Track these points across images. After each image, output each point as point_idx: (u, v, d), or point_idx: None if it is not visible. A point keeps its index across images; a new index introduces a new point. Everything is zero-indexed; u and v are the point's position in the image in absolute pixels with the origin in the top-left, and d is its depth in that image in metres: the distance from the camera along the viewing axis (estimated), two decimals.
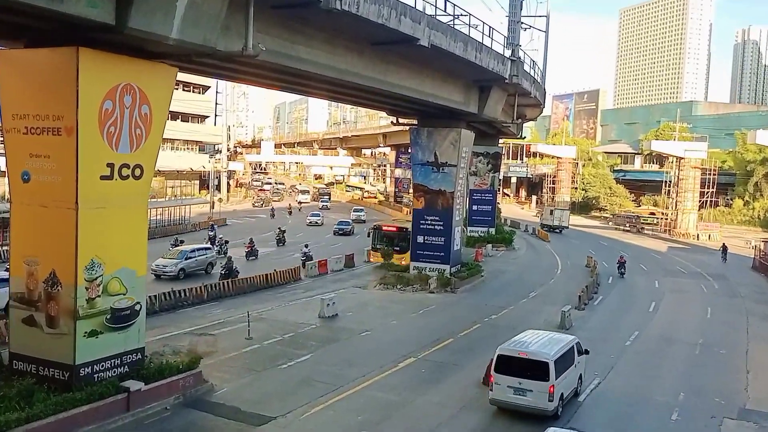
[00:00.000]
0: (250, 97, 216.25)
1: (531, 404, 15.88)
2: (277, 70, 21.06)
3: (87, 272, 15.07)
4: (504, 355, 16.30)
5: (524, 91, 35.84)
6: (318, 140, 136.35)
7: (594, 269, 39.25)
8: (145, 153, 16.14)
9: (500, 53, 30.41)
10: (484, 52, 27.92)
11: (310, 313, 26.25)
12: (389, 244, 38.42)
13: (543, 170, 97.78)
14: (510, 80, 31.88)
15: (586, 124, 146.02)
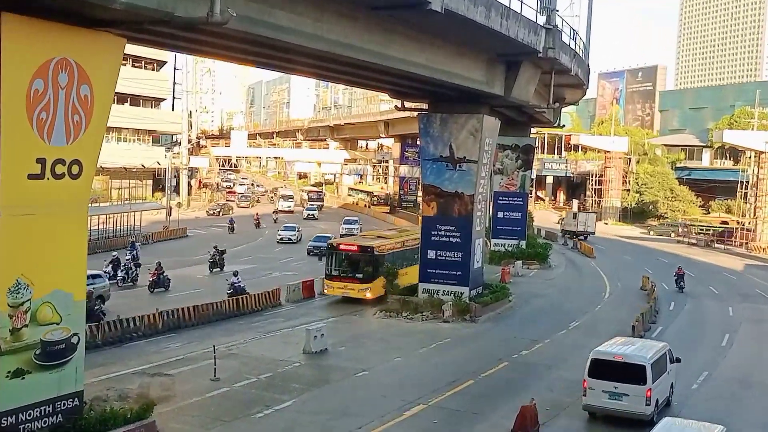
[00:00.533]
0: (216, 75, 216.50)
1: (627, 409, 19.07)
2: (252, 42, 21.08)
3: (11, 296, 15.05)
4: (598, 359, 19.54)
5: (563, 68, 35.87)
6: (303, 129, 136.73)
7: (652, 293, 39.22)
8: (85, 145, 16.14)
9: (532, 20, 30.45)
10: (512, 19, 27.95)
11: (292, 348, 26.17)
12: (349, 269, 35.54)
13: (586, 168, 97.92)
14: (544, 54, 31.89)
15: (640, 109, 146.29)
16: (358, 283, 34.91)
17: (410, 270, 36.76)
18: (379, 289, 35.20)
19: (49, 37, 15.11)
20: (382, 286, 35.30)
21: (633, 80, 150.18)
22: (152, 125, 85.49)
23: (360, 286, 34.86)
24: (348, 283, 35.12)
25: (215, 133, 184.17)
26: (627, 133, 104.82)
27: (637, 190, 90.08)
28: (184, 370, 23.06)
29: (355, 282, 34.99)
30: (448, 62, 29.24)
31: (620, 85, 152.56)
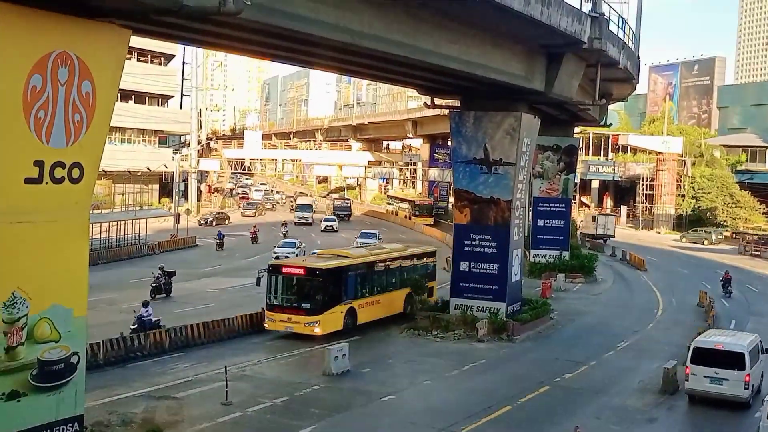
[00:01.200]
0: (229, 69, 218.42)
1: (727, 392, 23.18)
2: (267, 33, 21.17)
3: (6, 311, 15.19)
4: (700, 348, 23.79)
5: (610, 60, 35.71)
6: (322, 129, 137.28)
7: (710, 310, 38.84)
8: (87, 147, 16.29)
9: (576, 8, 30.35)
10: (554, 7, 27.86)
11: (311, 369, 26.22)
12: (295, 297, 31.40)
13: (636, 171, 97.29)
14: (590, 45, 31.77)
15: (696, 106, 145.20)
16: (304, 314, 30.68)
17: (390, 297, 34.77)
18: (332, 322, 31.03)
19: (48, 29, 15.25)
20: (339, 318, 31.41)
21: (688, 74, 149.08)
22: (159, 125, 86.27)
23: (306, 318, 30.61)
24: (292, 314, 30.86)
25: (227, 133, 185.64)
26: (681, 132, 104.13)
27: (693, 196, 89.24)
28: (192, 392, 23.15)
29: (300, 314, 30.79)
30: (484, 54, 29.19)
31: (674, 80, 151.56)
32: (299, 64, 33.37)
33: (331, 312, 30.95)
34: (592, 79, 37.99)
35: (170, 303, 38.09)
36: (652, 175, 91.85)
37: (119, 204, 68.46)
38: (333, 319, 31.03)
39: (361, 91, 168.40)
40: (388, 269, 35.28)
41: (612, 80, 41.24)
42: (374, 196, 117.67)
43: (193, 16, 17.55)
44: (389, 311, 34.44)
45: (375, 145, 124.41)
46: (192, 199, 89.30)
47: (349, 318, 31.90)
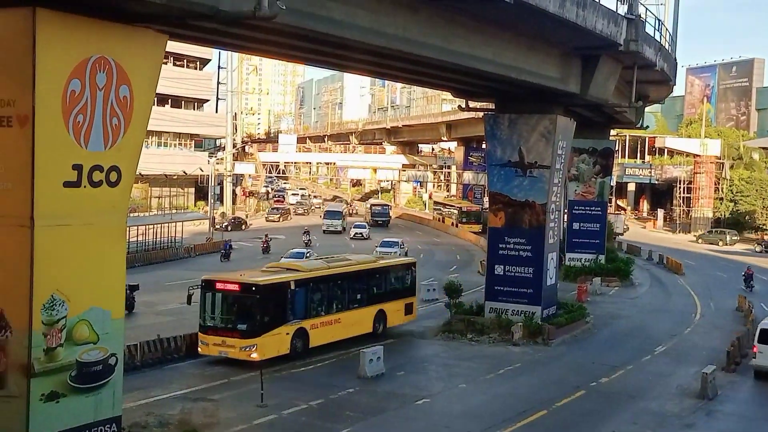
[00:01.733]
0: (264, 73, 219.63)
1: None
2: (302, 37, 21.28)
3: (45, 313, 15.36)
4: (766, 329, 27.22)
5: (646, 62, 35.43)
6: (356, 132, 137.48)
7: (749, 314, 38.35)
8: (124, 151, 16.46)
9: (612, 10, 30.16)
10: (589, 9, 27.72)
11: (346, 372, 26.25)
12: (230, 317, 27.01)
13: (673, 173, 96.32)
14: (626, 47, 31.55)
15: (734, 108, 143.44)
16: (239, 337, 26.50)
17: (353, 315, 30.64)
18: (275, 345, 26.92)
19: (87, 34, 15.45)
20: (284, 341, 27.23)
21: (726, 76, 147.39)
22: (194, 128, 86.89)
23: (242, 342, 26.42)
24: (226, 337, 26.68)
25: (262, 136, 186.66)
26: (719, 134, 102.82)
27: (732, 199, 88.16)
28: (228, 394, 23.30)
29: (234, 336, 26.58)
30: (518, 57, 29.10)
31: (711, 82, 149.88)
32: (333, 68, 33.52)
33: (273, 334, 26.71)
34: (628, 81, 37.72)
35: None
36: (690, 177, 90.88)
37: (156, 207, 69.10)
38: (275, 342, 26.79)
39: (396, 94, 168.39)
40: (350, 284, 30.95)
41: (649, 82, 40.90)
42: (408, 199, 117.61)
43: (228, 20, 17.68)
44: (353, 332, 30.23)
45: (409, 148, 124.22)
46: (227, 202, 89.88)
47: (298, 340, 27.73)
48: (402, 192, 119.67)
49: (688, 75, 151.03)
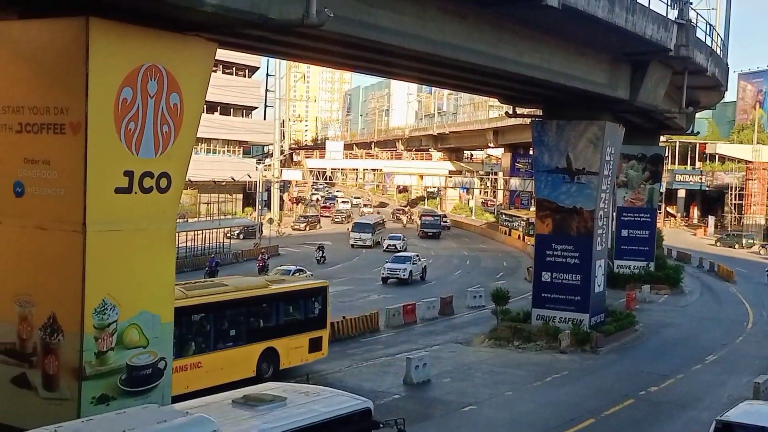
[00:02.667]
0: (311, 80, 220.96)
1: None
2: (349, 44, 21.36)
3: (97, 317, 15.59)
4: None
5: (697, 68, 35.01)
6: (403, 138, 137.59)
7: None
8: (174, 157, 16.67)
9: (662, 15, 29.87)
10: (639, 14, 27.47)
11: (391, 378, 26.27)
12: None
13: (725, 180, 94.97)
14: (676, 52, 31.22)
15: None
16: None
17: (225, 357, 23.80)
18: None
19: (138, 43, 15.68)
20: None
21: None
22: (243, 135, 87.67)
23: None
24: None
25: (309, 143, 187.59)
26: None
27: None
28: None
29: None
30: (566, 63, 28.93)
31: (764, 87, 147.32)
32: (380, 75, 33.63)
33: None
34: (678, 87, 37.30)
35: None
36: (742, 184, 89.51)
37: (204, 213, 69.79)
38: None
39: (442, 100, 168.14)
40: (220, 317, 24.18)
41: (699, 88, 40.42)
42: (455, 205, 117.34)
43: (277, 28, 17.84)
44: (224, 377, 22.81)
45: (455, 155, 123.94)
46: (275, 208, 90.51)
47: None
48: (448, 198, 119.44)
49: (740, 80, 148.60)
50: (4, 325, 16.47)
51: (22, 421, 16.01)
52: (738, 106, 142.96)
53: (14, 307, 16.23)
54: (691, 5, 32.63)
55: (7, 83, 16.21)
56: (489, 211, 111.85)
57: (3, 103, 16.16)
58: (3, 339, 16.50)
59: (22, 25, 16.08)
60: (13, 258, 16.58)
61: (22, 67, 15.92)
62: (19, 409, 16.17)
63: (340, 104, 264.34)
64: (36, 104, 15.64)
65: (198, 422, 12.49)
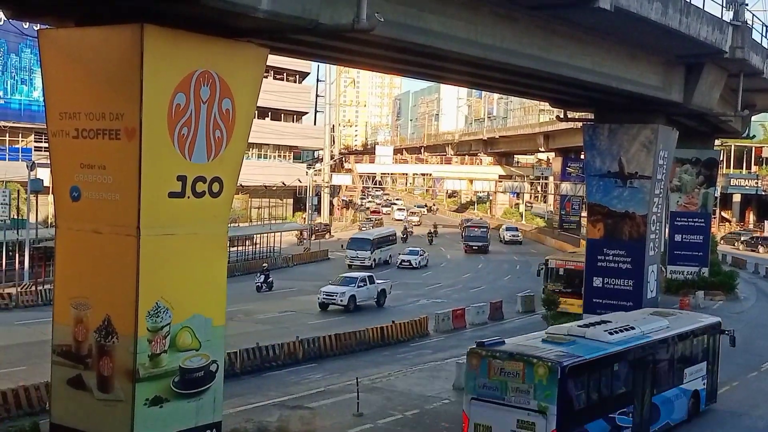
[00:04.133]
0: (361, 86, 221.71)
1: None
2: (399, 49, 21.39)
3: (150, 319, 15.78)
4: None
5: (753, 70, 34.45)
6: (453, 143, 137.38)
7: None
8: (226, 162, 16.82)
9: (717, 17, 29.47)
10: (693, 15, 27.12)
11: (441, 383, 26.16)
12: None
13: None
14: (731, 54, 30.77)
15: None
16: None
17: None
18: None
19: (191, 49, 15.87)
20: None
21: None
22: (293, 140, 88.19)
23: None
24: None
25: (359, 148, 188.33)
26: None
27: None
28: (325, 403, 23.45)
29: None
30: (618, 66, 28.66)
31: None
32: (430, 79, 33.64)
33: None
34: (733, 90, 36.72)
35: None
36: None
37: (255, 218, 70.38)
38: None
39: (492, 105, 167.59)
40: None
41: (755, 90, 39.72)
42: (505, 210, 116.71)
43: (328, 34, 17.93)
44: None
45: (505, 159, 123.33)
46: (324, 212, 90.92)
47: None
48: (498, 203, 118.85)
49: None
50: (60, 327, 16.78)
51: (77, 421, 16.33)
52: None
53: (70, 310, 16.51)
54: (746, 6, 32.12)
55: (65, 90, 16.53)
56: (539, 215, 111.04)
57: (60, 109, 16.48)
58: (59, 341, 16.79)
59: (78, 32, 16.40)
60: (70, 261, 16.88)
61: (79, 73, 16.20)
62: (74, 410, 16.44)
63: (389, 109, 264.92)
64: (92, 110, 15.89)
65: None
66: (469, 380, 18.39)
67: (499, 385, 17.45)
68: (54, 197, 17.20)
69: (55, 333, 16.98)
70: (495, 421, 17.44)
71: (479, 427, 17.74)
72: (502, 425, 17.24)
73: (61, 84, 16.59)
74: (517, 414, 17.07)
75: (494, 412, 17.41)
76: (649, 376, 20.27)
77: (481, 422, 17.69)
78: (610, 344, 18.80)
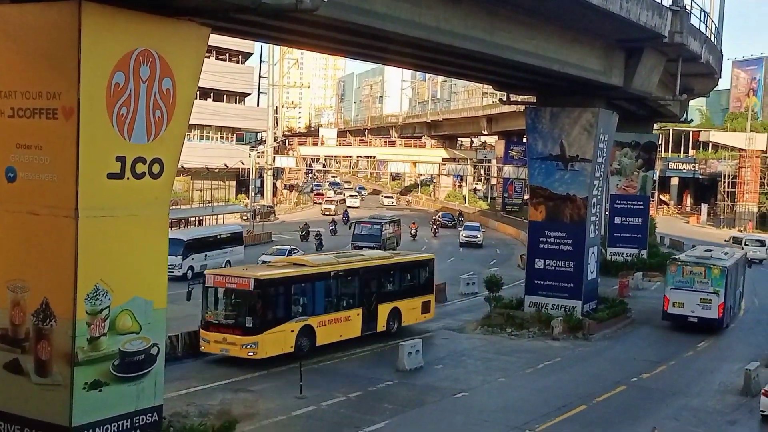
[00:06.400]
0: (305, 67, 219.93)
1: None
2: (343, 30, 21.32)
3: (89, 302, 15.60)
4: None
5: (691, 55, 35.02)
6: (397, 126, 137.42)
7: None
8: (166, 143, 16.64)
9: (656, 1, 29.85)
10: (633, 1, 27.44)
11: (384, 365, 26.34)
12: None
13: (718, 168, 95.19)
14: (670, 39, 31.21)
15: None
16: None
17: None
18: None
19: (131, 28, 15.62)
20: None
21: None
22: (236, 122, 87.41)
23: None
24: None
25: (302, 130, 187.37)
26: (766, 128, 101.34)
27: None
28: (268, 386, 23.49)
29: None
30: (561, 50, 28.92)
31: (758, 74, 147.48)
32: (374, 61, 33.59)
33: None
34: (672, 74, 37.31)
35: None
36: (735, 172, 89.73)
37: (197, 200, 69.69)
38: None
39: (436, 88, 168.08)
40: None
41: (693, 75, 40.41)
42: (448, 193, 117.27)
43: (271, 13, 17.74)
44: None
45: (449, 142, 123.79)
46: (268, 195, 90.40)
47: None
48: (442, 186, 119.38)
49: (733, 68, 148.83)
50: None
51: (15, 406, 16.07)
52: (732, 94, 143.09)
53: (7, 293, 16.22)
54: None
55: (0, 68, 16.13)
56: (481, 198, 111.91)
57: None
58: None
59: (13, 8, 15.96)
60: (6, 243, 16.53)
61: (14, 51, 15.83)
62: (11, 394, 16.18)
63: (333, 91, 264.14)
64: (28, 89, 15.57)
65: None
66: (668, 278, 34.14)
67: (689, 280, 33.38)
68: None
69: None
70: (686, 299, 33.33)
71: (676, 303, 33.55)
72: (690, 302, 33.25)
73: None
74: (700, 295, 33.12)
75: (685, 294, 33.37)
76: None
77: (677, 300, 33.55)
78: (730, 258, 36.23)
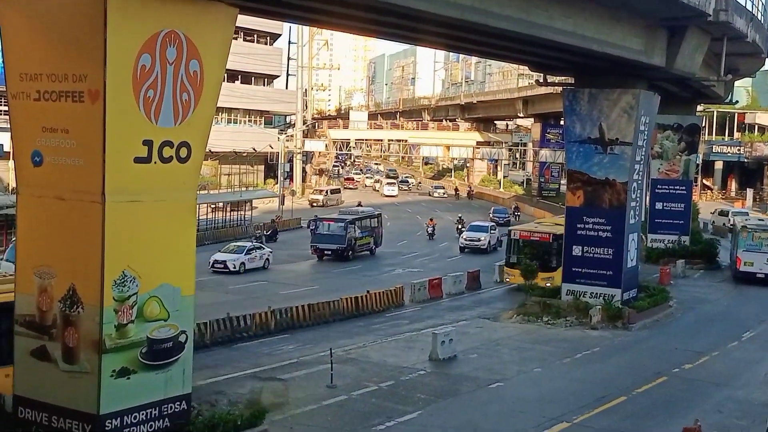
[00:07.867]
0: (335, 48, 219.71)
1: None
2: (374, 9, 21.28)
3: (117, 289, 15.75)
4: None
5: (737, 34, 34.57)
6: (429, 108, 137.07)
7: None
8: (194, 127, 16.73)
9: None
10: None
11: (417, 354, 26.35)
12: None
13: (764, 151, 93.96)
14: (715, 17, 30.83)
15: None
16: None
17: None
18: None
19: (157, 8, 15.72)
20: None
21: None
22: (264, 105, 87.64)
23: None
24: None
25: (332, 113, 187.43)
26: None
27: None
28: (298, 374, 23.58)
29: None
30: (600, 29, 28.67)
31: None
32: (406, 41, 33.49)
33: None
34: (717, 54, 36.86)
35: None
36: None
37: (225, 185, 70.08)
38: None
39: (470, 69, 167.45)
40: None
41: (739, 55, 39.89)
42: (482, 178, 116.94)
43: None
44: None
45: (483, 125, 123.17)
46: (297, 179, 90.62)
47: None
48: (476, 170, 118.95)
49: None
50: (23, 296, 16.70)
51: (42, 394, 16.31)
52: None
53: (34, 279, 16.43)
54: None
55: (25, 51, 16.32)
56: (517, 182, 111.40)
57: (20, 70, 16.29)
58: (22, 311, 16.71)
59: None
60: (32, 229, 16.79)
61: (40, 33, 16.02)
62: (39, 381, 16.40)
63: (364, 73, 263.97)
64: (54, 72, 15.73)
65: None
66: (740, 241, 42.97)
67: (758, 243, 42.45)
68: (15, 162, 17.01)
69: (18, 303, 16.88)
70: (755, 259, 42.28)
71: (747, 263, 42.46)
72: (759, 261, 42.10)
73: (21, 44, 16.37)
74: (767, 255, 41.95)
75: (755, 255, 42.41)
76: None
77: (748, 260, 42.48)
78: None
